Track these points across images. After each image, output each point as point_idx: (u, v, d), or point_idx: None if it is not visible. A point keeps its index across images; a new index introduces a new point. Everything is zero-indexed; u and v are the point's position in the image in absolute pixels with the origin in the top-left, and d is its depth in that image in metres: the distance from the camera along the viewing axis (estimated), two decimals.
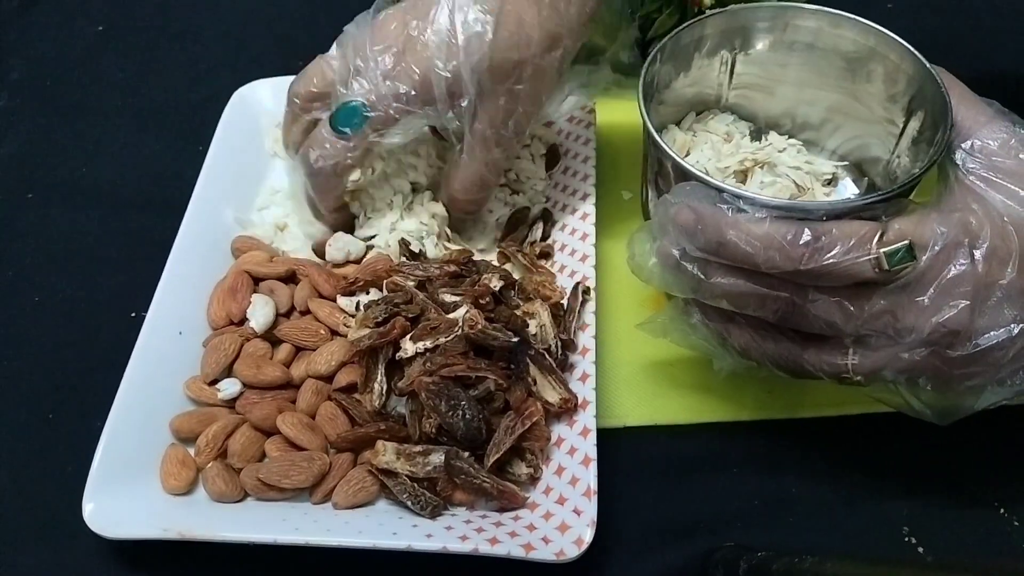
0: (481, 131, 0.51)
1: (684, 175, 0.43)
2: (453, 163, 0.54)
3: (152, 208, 0.61)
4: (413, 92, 0.49)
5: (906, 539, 0.47)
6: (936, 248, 0.37)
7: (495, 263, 0.56)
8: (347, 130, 0.50)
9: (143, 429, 0.48)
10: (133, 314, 0.55)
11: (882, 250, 0.37)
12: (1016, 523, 0.47)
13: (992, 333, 0.38)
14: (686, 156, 0.51)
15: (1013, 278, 0.38)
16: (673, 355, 0.53)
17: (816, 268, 0.37)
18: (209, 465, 0.47)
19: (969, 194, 0.39)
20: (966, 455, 0.49)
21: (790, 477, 0.49)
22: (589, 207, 0.56)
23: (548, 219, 0.58)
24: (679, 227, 0.40)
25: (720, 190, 0.40)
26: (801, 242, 0.37)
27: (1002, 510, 0.47)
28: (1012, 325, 0.38)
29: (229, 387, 0.49)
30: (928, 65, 0.45)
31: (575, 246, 0.55)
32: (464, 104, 0.49)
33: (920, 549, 0.46)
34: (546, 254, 0.56)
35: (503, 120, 0.50)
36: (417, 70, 0.48)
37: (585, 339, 0.50)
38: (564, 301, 0.51)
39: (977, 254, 0.37)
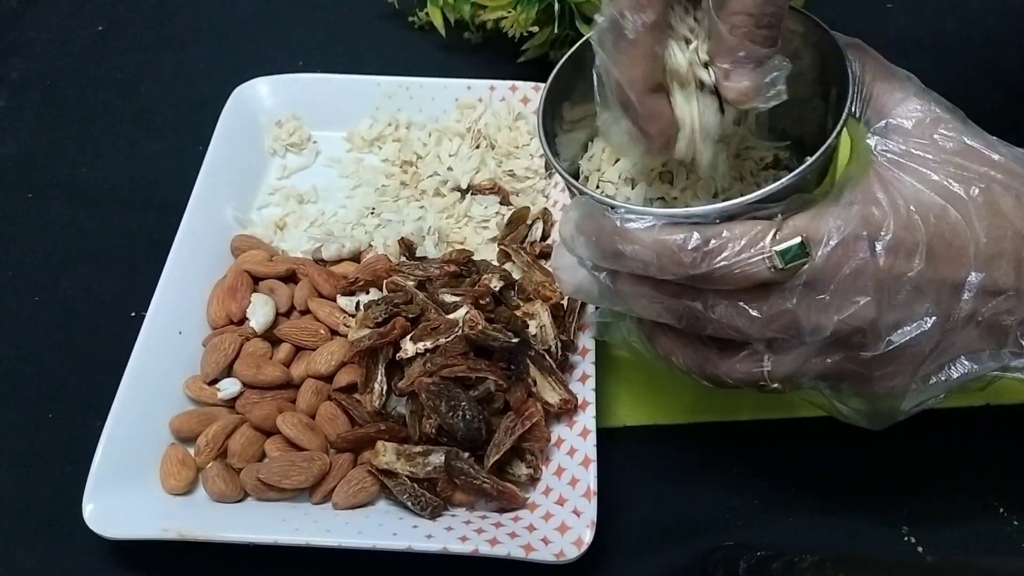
0: None
1: (575, 187, 0.42)
2: None
3: (152, 208, 0.61)
4: None
5: (906, 539, 0.47)
6: (832, 243, 0.36)
7: (495, 262, 0.56)
8: None
9: (143, 429, 0.48)
10: (133, 314, 0.55)
11: (775, 248, 0.35)
12: (1016, 523, 0.47)
13: (905, 328, 0.36)
14: (616, 163, 0.50)
15: (922, 269, 0.36)
16: None
17: (709, 272, 0.36)
18: (209, 465, 0.47)
19: (878, 180, 0.37)
20: (966, 455, 0.49)
21: (790, 477, 0.49)
22: None
23: (548, 219, 0.58)
24: (581, 240, 0.39)
25: (601, 202, 0.39)
26: (690, 247, 0.36)
27: (1002, 510, 0.47)
28: (925, 318, 0.36)
29: (229, 387, 0.49)
30: (833, 35, 0.42)
31: None
32: None
33: (920, 549, 0.46)
34: (546, 254, 0.56)
35: None
36: None
37: (585, 339, 0.50)
38: (564, 301, 0.51)
39: (879, 247, 0.36)
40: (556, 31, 0.66)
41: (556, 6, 0.64)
